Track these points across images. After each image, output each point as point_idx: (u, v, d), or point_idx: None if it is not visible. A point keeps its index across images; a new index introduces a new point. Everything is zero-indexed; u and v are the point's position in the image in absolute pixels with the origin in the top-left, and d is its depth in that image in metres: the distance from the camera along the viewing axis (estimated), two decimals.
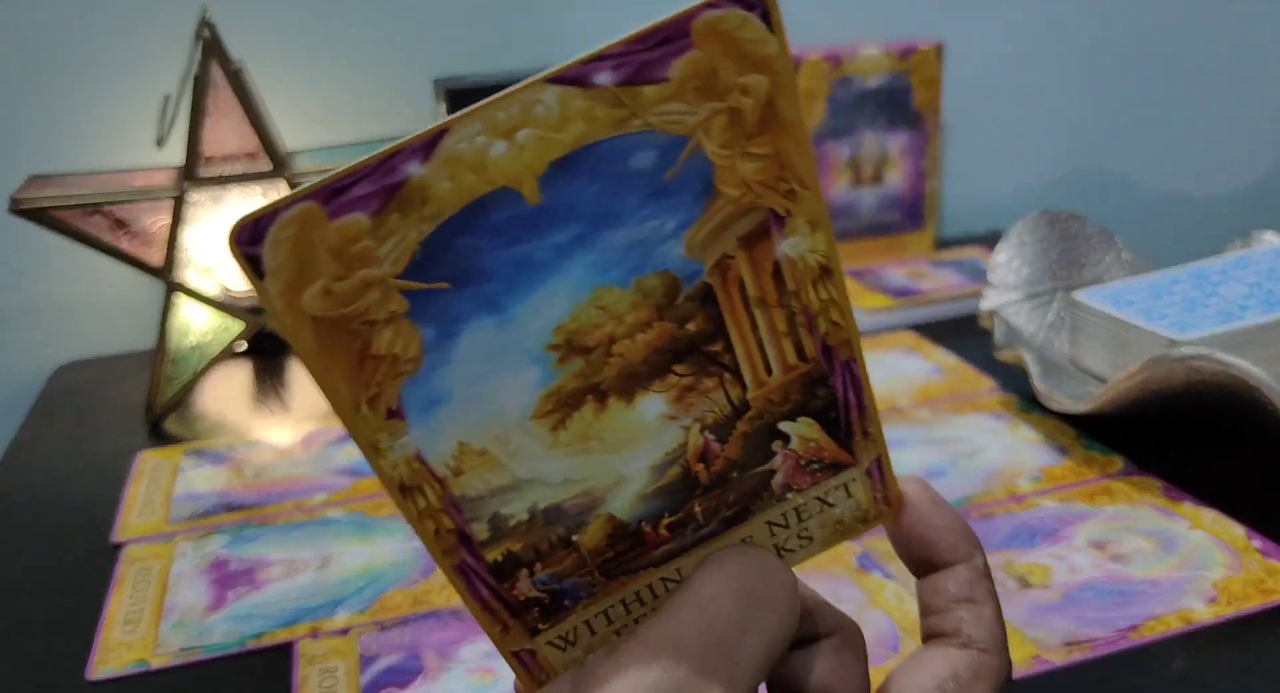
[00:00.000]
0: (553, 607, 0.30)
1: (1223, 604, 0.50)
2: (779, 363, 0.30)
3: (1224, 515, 0.57)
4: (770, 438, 0.30)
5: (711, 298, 0.28)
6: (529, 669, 0.31)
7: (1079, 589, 0.52)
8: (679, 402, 0.29)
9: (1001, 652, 0.32)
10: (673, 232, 0.27)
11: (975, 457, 0.65)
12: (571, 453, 0.28)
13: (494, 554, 0.29)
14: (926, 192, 1.01)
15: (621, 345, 0.28)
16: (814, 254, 0.28)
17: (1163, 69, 1.18)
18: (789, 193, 0.27)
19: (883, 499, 0.33)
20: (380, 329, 0.26)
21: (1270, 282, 0.71)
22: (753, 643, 0.28)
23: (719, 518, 0.31)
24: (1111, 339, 0.70)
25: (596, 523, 0.30)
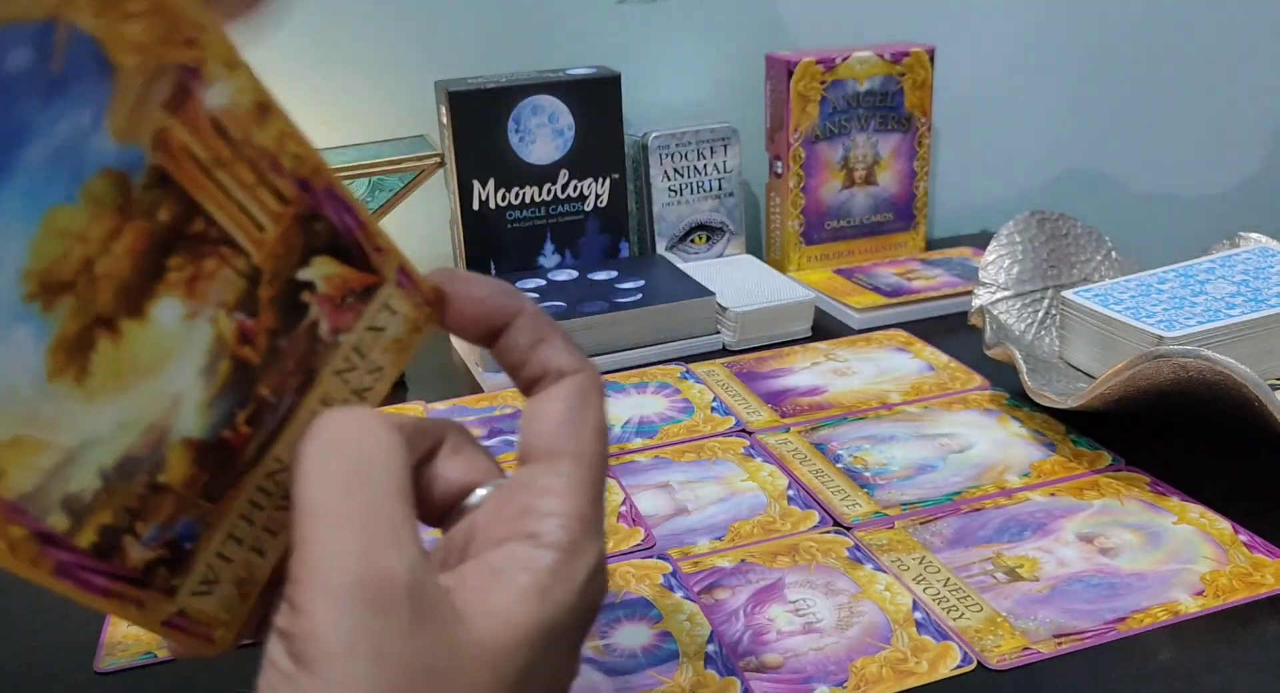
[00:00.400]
0: (175, 557, 0.28)
1: (1209, 597, 0.51)
2: (266, 215, 0.28)
3: (1211, 510, 0.58)
4: (296, 292, 0.29)
5: (168, 178, 0.25)
6: (185, 630, 0.29)
7: (1067, 582, 0.53)
8: (191, 295, 0.27)
9: (588, 365, 0.33)
10: (91, 125, 0.23)
11: (966, 452, 0.66)
12: (111, 396, 0.25)
13: (87, 537, 0.26)
14: (918, 192, 1.02)
15: (102, 264, 0.24)
16: (243, 94, 0.27)
17: (1150, 71, 1.19)
18: (190, 42, 0.25)
19: (423, 301, 0.32)
20: None
21: (1256, 280, 0.72)
22: (388, 502, 0.27)
23: (290, 390, 0.30)
24: (1100, 337, 0.71)
25: (175, 453, 0.27)
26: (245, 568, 0.30)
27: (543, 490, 0.30)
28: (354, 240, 0.30)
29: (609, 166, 0.92)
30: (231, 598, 0.30)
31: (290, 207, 0.28)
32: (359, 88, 0.93)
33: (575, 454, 0.31)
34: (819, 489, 0.62)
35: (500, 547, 0.29)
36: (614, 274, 0.89)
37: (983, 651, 0.48)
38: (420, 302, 0.32)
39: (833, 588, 0.53)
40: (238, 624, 0.30)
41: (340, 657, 0.25)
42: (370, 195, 0.78)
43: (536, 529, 0.29)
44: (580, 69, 0.92)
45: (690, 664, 0.48)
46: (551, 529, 0.29)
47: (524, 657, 0.28)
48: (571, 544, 0.29)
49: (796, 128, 0.95)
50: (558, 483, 0.30)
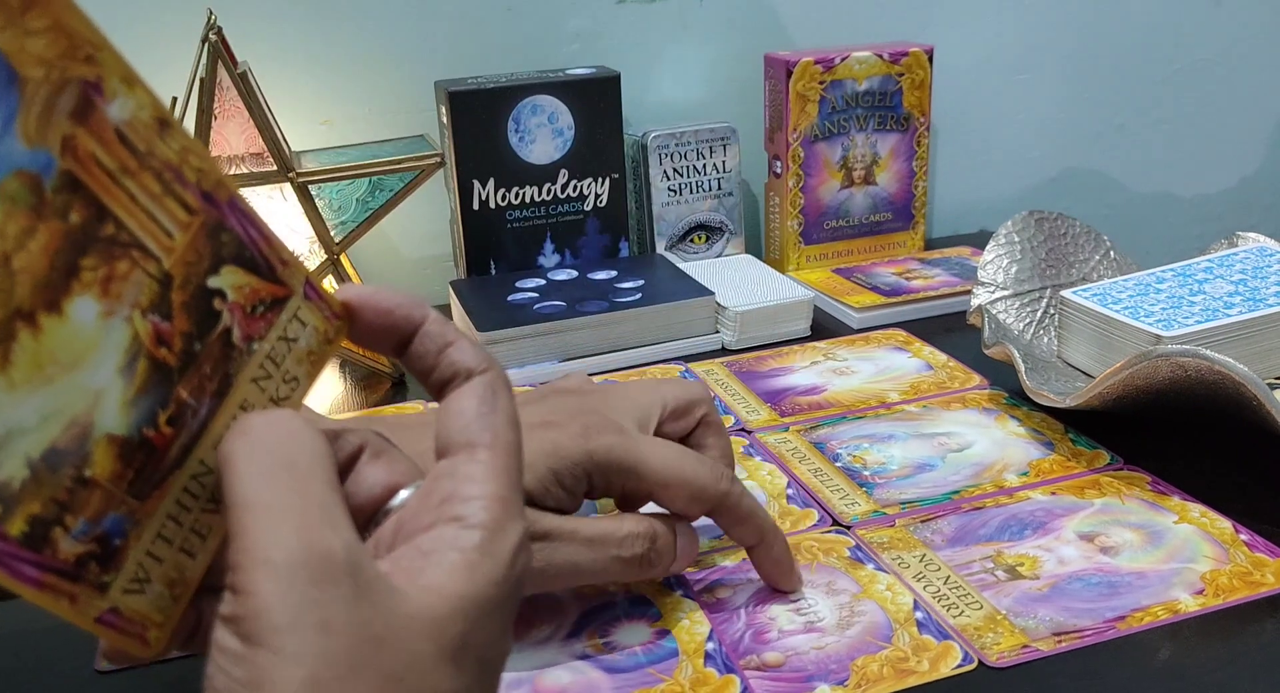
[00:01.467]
0: (106, 553, 0.29)
1: (1209, 596, 0.51)
2: (174, 224, 0.29)
3: (1211, 509, 0.58)
4: (207, 298, 0.30)
5: (78, 183, 0.27)
6: (119, 629, 0.29)
7: (1067, 580, 0.53)
8: (106, 295, 0.28)
9: (493, 363, 0.34)
10: (2, 129, 0.25)
11: (964, 451, 0.66)
12: (35, 388, 0.26)
13: (17, 527, 0.26)
14: (917, 192, 1.02)
15: (19, 260, 0.25)
16: (143, 110, 0.28)
17: (1149, 71, 1.19)
18: (89, 59, 0.26)
19: (332, 314, 0.34)
20: None
21: (1254, 279, 0.72)
22: (319, 488, 0.29)
23: (208, 394, 0.31)
24: (1098, 336, 0.71)
25: (100, 449, 0.28)
26: (176, 569, 0.31)
27: (464, 477, 0.32)
28: (259, 252, 0.32)
29: (609, 166, 0.92)
30: (164, 598, 0.30)
31: (196, 217, 0.30)
32: (359, 88, 0.93)
33: (491, 443, 0.32)
34: (818, 488, 0.62)
35: (428, 532, 0.31)
36: (614, 274, 0.89)
37: (982, 648, 0.48)
38: (329, 314, 0.34)
39: (834, 587, 0.53)
40: (170, 626, 0.31)
41: (289, 629, 0.26)
42: (370, 195, 0.79)
43: (461, 512, 0.31)
44: (580, 69, 0.92)
45: (690, 662, 0.48)
46: (475, 511, 0.31)
47: (459, 626, 0.29)
48: (495, 523, 0.31)
49: (795, 128, 0.96)
50: (478, 470, 0.32)
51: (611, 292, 0.85)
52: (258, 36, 0.88)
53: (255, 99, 0.73)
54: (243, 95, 0.72)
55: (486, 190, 0.89)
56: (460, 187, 0.88)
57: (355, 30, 0.92)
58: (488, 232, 0.90)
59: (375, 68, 0.93)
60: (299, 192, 0.76)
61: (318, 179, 0.76)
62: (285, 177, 0.75)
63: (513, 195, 0.90)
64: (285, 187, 0.76)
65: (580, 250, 0.93)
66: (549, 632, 0.51)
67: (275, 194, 0.77)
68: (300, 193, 0.76)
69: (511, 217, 0.90)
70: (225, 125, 0.73)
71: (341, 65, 0.93)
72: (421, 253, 0.98)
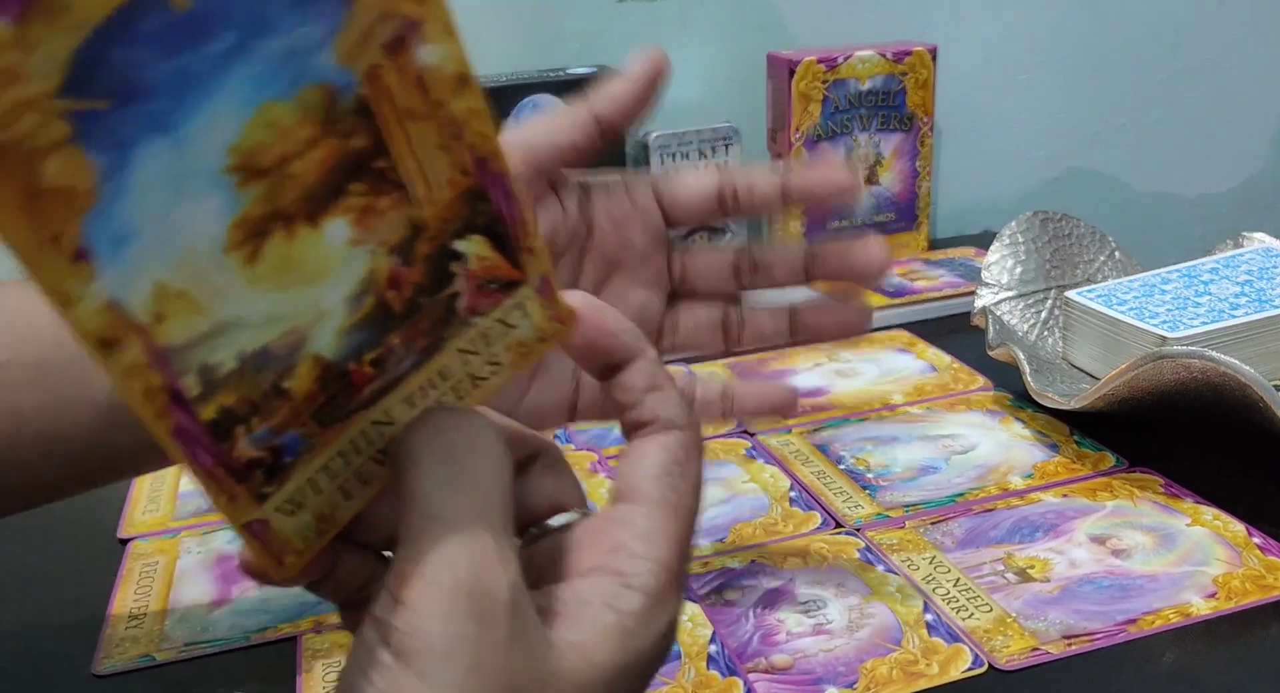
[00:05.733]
0: (275, 466, 0.29)
1: (1222, 600, 0.51)
2: (441, 178, 0.30)
3: (1224, 512, 0.58)
4: (448, 258, 0.31)
5: (368, 111, 0.27)
6: (262, 541, 0.30)
7: (1078, 583, 0.53)
8: (361, 224, 0.28)
9: (695, 423, 0.33)
10: (321, 39, 0.26)
11: (968, 453, 0.65)
12: (270, 288, 0.27)
13: (209, 412, 0.27)
14: (920, 192, 1.02)
15: (296, 165, 0.26)
16: (449, 62, 0.28)
17: (1154, 71, 1.19)
18: (418, 0, 0.27)
19: (555, 316, 0.33)
20: (46, 158, 0.22)
21: (1260, 280, 0.71)
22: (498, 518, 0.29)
23: (416, 349, 0.31)
24: (1103, 337, 0.70)
25: (305, 366, 0.29)
26: (330, 505, 0.31)
27: (638, 533, 0.31)
28: (510, 232, 0.31)
29: (610, 166, 0.91)
30: (310, 530, 0.31)
31: (464, 178, 0.30)
32: None
33: (674, 505, 0.32)
34: (821, 491, 0.62)
35: (589, 577, 0.30)
36: None
37: (992, 651, 0.48)
38: (553, 315, 0.33)
39: (843, 590, 0.53)
40: (307, 558, 0.31)
41: (442, 659, 0.26)
42: None
43: (627, 569, 0.30)
44: (581, 68, 0.92)
45: (692, 665, 0.48)
46: (642, 573, 0.30)
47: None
48: (658, 592, 0.30)
49: (798, 127, 0.95)
50: (653, 529, 0.31)
51: None
52: None
53: None
54: None
55: None
56: None
57: None
58: None
59: None
60: None
61: None
62: None
63: None
64: None
65: None
66: None
67: None
68: None
69: None
70: None
71: None
72: None
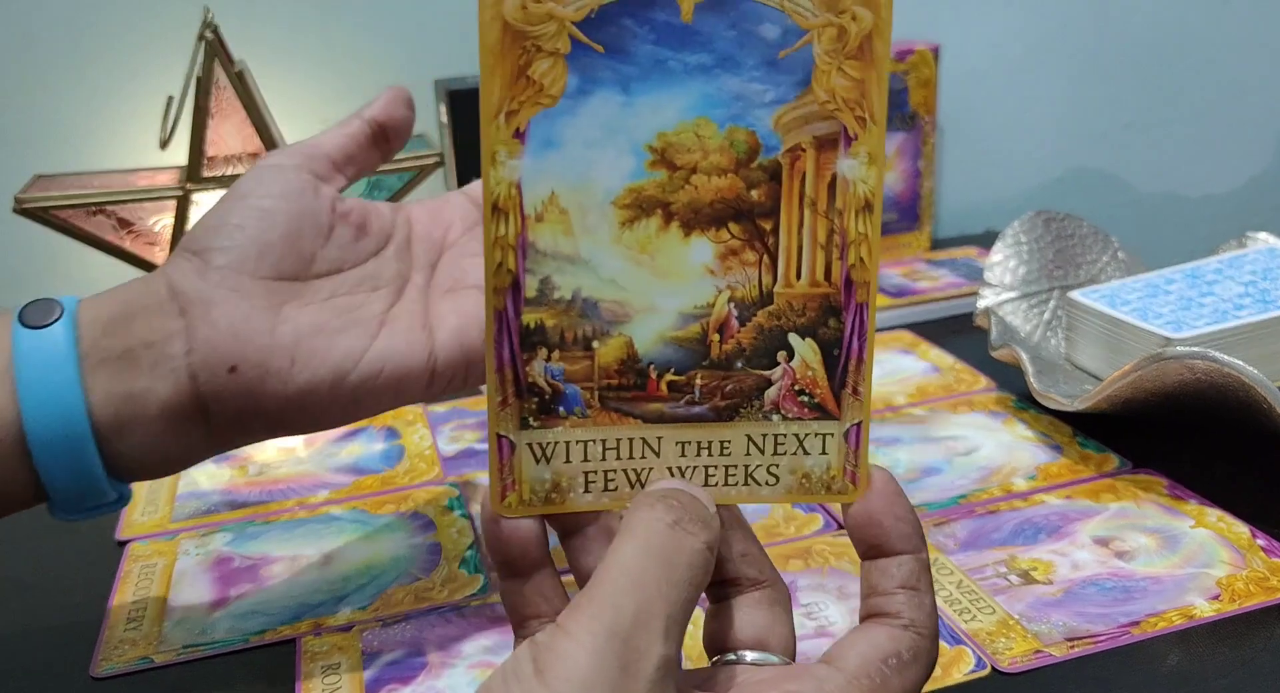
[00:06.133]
0: (549, 406, 0.33)
1: (1226, 601, 0.51)
2: (809, 271, 0.32)
3: (1228, 514, 0.57)
4: (779, 344, 0.33)
5: (778, 177, 0.31)
6: (502, 461, 0.33)
7: (1081, 585, 0.52)
8: (723, 260, 0.32)
9: (935, 639, 0.34)
10: (769, 102, 0.31)
11: (971, 455, 0.65)
12: (625, 257, 0.31)
13: (530, 318, 0.32)
14: (923, 192, 1.02)
15: (698, 178, 0.31)
16: (864, 184, 0.31)
17: (1158, 70, 1.18)
18: (861, 120, 0.31)
19: (851, 475, 0.34)
20: (542, 57, 0.30)
21: (1265, 281, 0.71)
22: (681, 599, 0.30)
23: (711, 404, 0.33)
24: (1107, 338, 0.70)
25: (617, 341, 0.32)
26: (569, 482, 0.33)
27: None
28: (845, 363, 0.33)
29: None
30: (542, 488, 0.33)
31: (828, 287, 0.32)
32: (358, 87, 0.92)
33: (872, 690, 0.32)
34: None
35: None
36: None
37: (994, 653, 0.48)
38: (850, 472, 0.34)
39: (845, 592, 0.52)
40: (525, 513, 0.33)
41: (577, 686, 0.27)
42: (369, 195, 0.78)
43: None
44: None
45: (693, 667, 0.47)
46: None
47: None
48: None
49: None
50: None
51: None
52: (255, 35, 0.87)
53: (252, 98, 0.72)
54: (240, 94, 0.72)
55: None
56: (460, 186, 0.87)
57: (354, 29, 0.91)
58: None
59: (375, 67, 0.93)
60: None
61: None
62: None
63: None
64: None
65: None
66: None
67: None
68: None
69: None
70: (222, 124, 0.72)
71: (340, 64, 0.92)
72: None
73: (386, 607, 0.53)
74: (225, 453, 0.44)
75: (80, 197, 0.70)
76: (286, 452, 0.70)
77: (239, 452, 0.70)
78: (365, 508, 0.63)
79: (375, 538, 0.59)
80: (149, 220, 0.73)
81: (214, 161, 0.73)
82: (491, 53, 0.30)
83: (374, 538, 0.59)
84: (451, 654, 0.50)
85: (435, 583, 0.55)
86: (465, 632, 0.51)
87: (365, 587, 0.55)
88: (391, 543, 0.59)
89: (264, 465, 0.68)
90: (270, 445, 0.71)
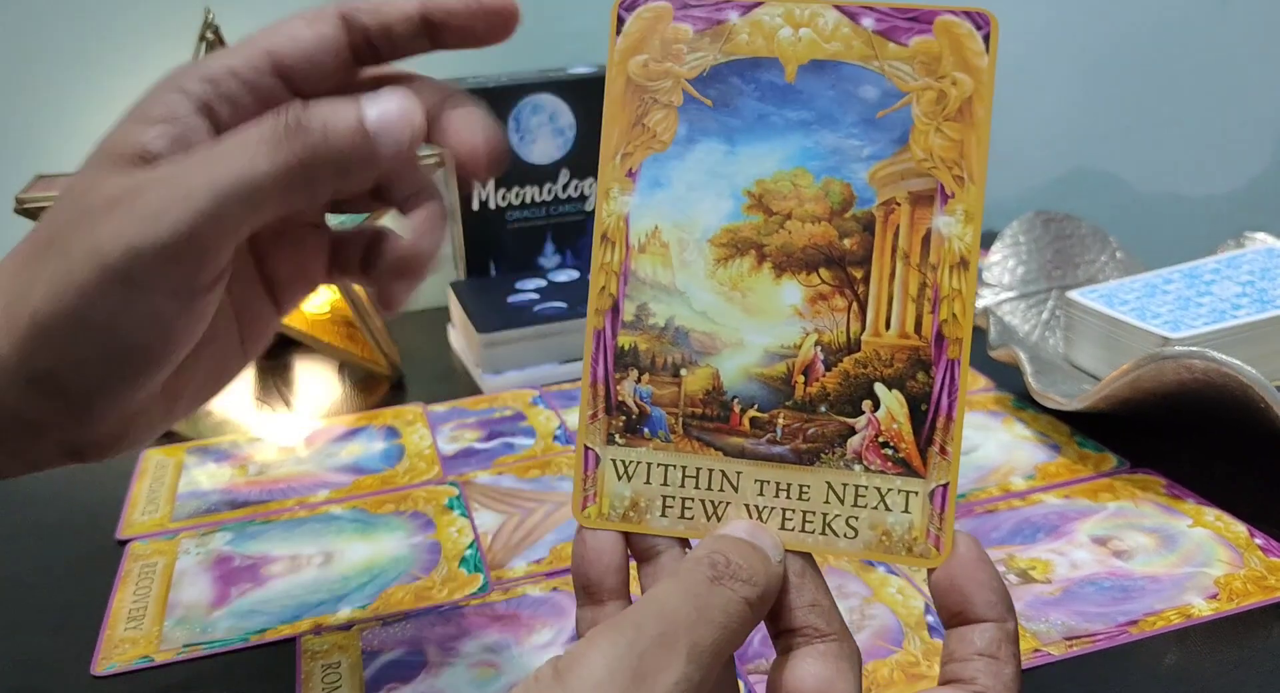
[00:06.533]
0: (635, 425, 0.34)
1: (1224, 601, 0.51)
2: (899, 322, 0.33)
3: (1226, 513, 0.58)
4: (864, 393, 0.33)
5: (871, 228, 0.33)
6: (586, 472, 0.34)
7: (1080, 584, 0.52)
8: (812, 303, 0.33)
9: None
10: (866, 158, 0.33)
11: (970, 454, 0.65)
12: (719, 292, 0.33)
13: (625, 340, 0.34)
14: None
15: (793, 224, 0.33)
16: (960, 241, 0.33)
17: (1156, 70, 1.18)
18: (959, 179, 0.33)
19: (935, 538, 0.33)
20: (658, 108, 0.34)
21: (1263, 281, 0.71)
22: (712, 646, 0.30)
23: (793, 445, 0.34)
24: (1105, 338, 0.70)
25: (704, 371, 0.34)
26: (647, 503, 0.34)
27: None
28: (934, 420, 0.33)
29: None
30: (621, 504, 0.34)
31: (918, 339, 0.33)
32: None
33: None
34: None
35: None
36: None
37: None
38: (933, 534, 0.33)
39: (844, 591, 0.52)
40: (603, 526, 0.34)
41: (591, 685, 0.28)
42: None
43: None
44: (581, 68, 0.92)
45: None
46: None
47: None
48: None
49: None
50: None
51: None
52: None
53: None
54: None
55: (486, 190, 0.88)
56: (460, 186, 0.87)
57: None
58: (488, 232, 0.89)
59: None
60: None
61: None
62: None
63: (513, 195, 0.89)
64: None
65: (581, 251, 0.93)
66: (550, 636, 0.50)
67: None
68: None
69: (512, 217, 0.89)
70: None
71: None
72: None
73: (386, 606, 0.53)
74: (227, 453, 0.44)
75: None
76: (287, 451, 0.70)
77: (239, 452, 0.70)
78: (365, 507, 0.63)
79: (375, 537, 0.59)
80: None
81: None
82: (615, 103, 0.34)
83: (374, 537, 0.59)
84: (451, 653, 0.50)
85: (435, 582, 0.55)
86: (465, 631, 0.51)
87: (365, 586, 0.55)
88: (391, 542, 0.59)
89: (264, 465, 0.68)
90: (270, 445, 0.71)
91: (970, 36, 0.33)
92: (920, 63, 0.33)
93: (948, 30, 0.33)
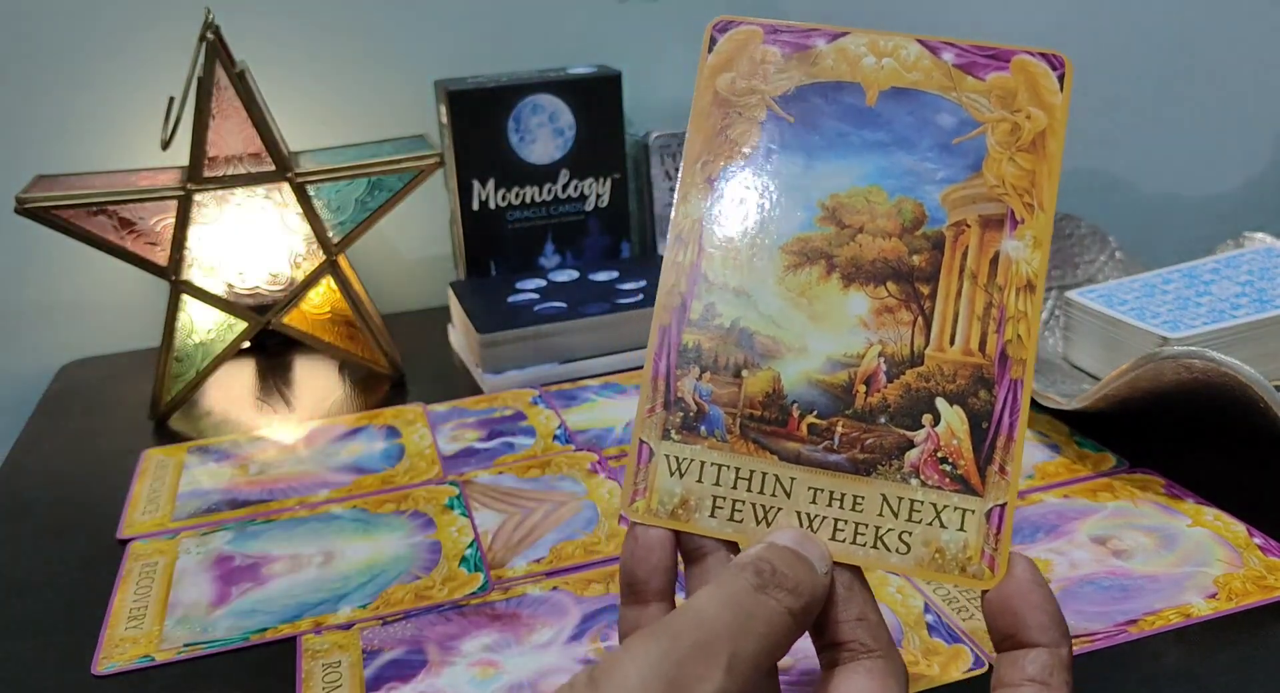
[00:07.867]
0: (692, 423, 0.35)
1: (1223, 600, 0.51)
2: (963, 340, 0.34)
3: (1225, 513, 0.58)
4: (925, 407, 0.34)
5: (940, 247, 0.34)
6: (639, 465, 0.35)
7: (1079, 584, 0.52)
8: (878, 315, 0.34)
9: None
10: (939, 180, 0.34)
11: None
12: (786, 298, 0.34)
13: (690, 338, 0.35)
14: None
15: (863, 238, 0.34)
16: (1028, 265, 0.34)
17: (1156, 71, 1.18)
18: (1029, 206, 0.34)
19: (990, 559, 0.33)
20: (740, 122, 0.35)
21: (1261, 281, 0.71)
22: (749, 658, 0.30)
23: (850, 454, 0.34)
24: (1105, 337, 0.70)
25: (766, 374, 0.34)
26: (697, 501, 0.35)
27: None
28: (994, 438, 0.33)
29: (610, 166, 0.91)
30: (670, 501, 0.35)
31: (981, 358, 0.33)
32: (358, 87, 0.93)
33: None
34: None
35: None
36: (615, 275, 0.89)
37: (993, 651, 0.48)
38: (989, 555, 0.33)
39: None
40: (652, 521, 0.35)
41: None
42: (370, 195, 0.78)
43: None
44: (581, 68, 0.92)
45: None
46: None
47: None
48: None
49: None
50: None
51: (613, 293, 0.84)
52: (256, 35, 0.87)
53: (253, 98, 0.72)
54: (240, 95, 0.72)
55: (486, 190, 0.88)
56: (460, 187, 0.87)
57: (354, 29, 0.92)
58: (488, 232, 0.89)
59: (374, 67, 0.93)
60: (296, 192, 0.75)
61: (316, 179, 0.76)
62: (284, 177, 0.75)
63: (513, 195, 0.89)
64: (283, 187, 0.75)
65: (581, 251, 0.93)
66: (550, 635, 0.50)
67: (274, 194, 0.76)
68: (298, 193, 0.75)
69: (512, 217, 0.90)
70: (223, 125, 0.72)
71: (341, 64, 0.92)
72: (421, 254, 0.97)
73: (387, 605, 0.53)
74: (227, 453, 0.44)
75: (82, 196, 0.71)
76: (287, 451, 0.70)
77: (240, 451, 0.70)
78: (366, 507, 0.63)
79: (375, 537, 0.59)
80: (150, 220, 0.74)
81: (215, 162, 0.74)
82: (700, 114, 0.36)
83: (374, 537, 0.59)
84: (451, 653, 0.50)
85: (435, 582, 0.55)
86: (465, 630, 0.51)
87: (365, 585, 0.55)
88: (392, 542, 0.59)
89: (265, 465, 0.68)
90: (270, 444, 0.71)
91: (1045, 76, 0.34)
92: (996, 96, 0.34)
93: (1024, 69, 0.35)
